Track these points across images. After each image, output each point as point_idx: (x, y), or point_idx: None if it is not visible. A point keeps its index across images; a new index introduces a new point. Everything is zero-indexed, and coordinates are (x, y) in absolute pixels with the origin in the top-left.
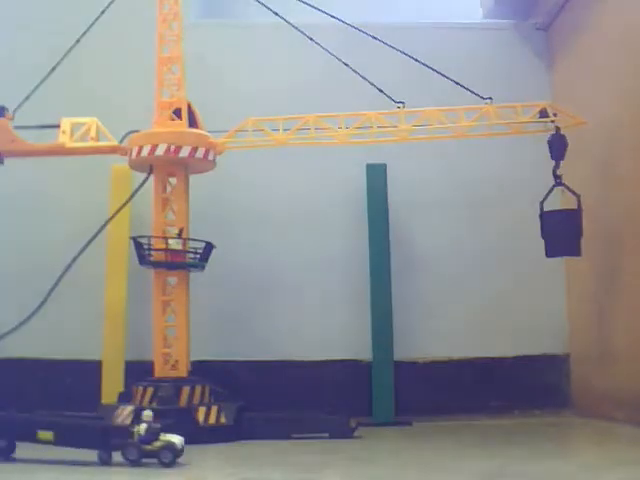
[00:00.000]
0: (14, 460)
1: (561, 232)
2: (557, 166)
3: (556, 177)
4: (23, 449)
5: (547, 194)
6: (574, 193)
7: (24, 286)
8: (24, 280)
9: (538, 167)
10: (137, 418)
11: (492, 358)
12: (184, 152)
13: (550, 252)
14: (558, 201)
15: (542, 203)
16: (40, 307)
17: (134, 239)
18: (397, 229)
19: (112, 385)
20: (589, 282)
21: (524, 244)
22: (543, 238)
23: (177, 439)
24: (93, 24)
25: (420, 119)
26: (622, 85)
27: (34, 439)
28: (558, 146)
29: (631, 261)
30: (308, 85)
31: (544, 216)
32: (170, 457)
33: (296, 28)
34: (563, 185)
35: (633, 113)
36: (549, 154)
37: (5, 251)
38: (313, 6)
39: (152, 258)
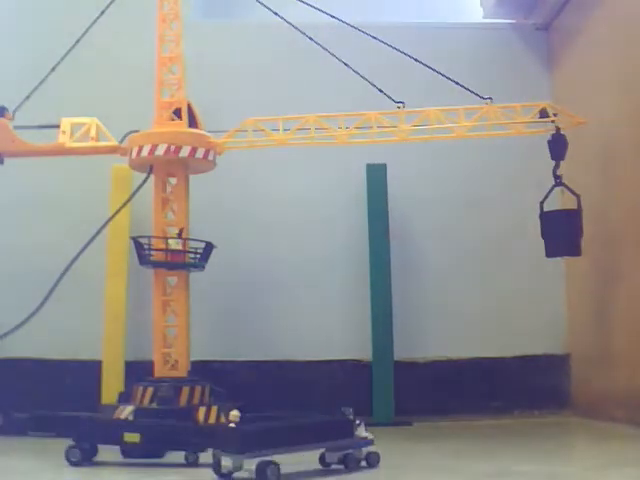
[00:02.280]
0: (96, 464)
1: (561, 232)
2: (557, 166)
3: (556, 177)
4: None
5: (547, 194)
6: (574, 193)
7: (24, 286)
8: (24, 280)
9: (538, 167)
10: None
11: (492, 358)
12: (184, 152)
13: (550, 252)
14: (558, 201)
15: (542, 203)
16: (40, 307)
17: (134, 239)
18: (397, 229)
19: (112, 385)
20: (589, 282)
21: (524, 244)
22: (543, 238)
23: None
24: (93, 24)
25: (420, 119)
26: (622, 85)
27: (119, 442)
28: (558, 146)
29: (631, 261)
30: (308, 85)
31: (544, 216)
32: None
33: (296, 28)
34: (563, 185)
35: (633, 113)
36: (549, 154)
37: (5, 251)
38: (313, 6)
39: (152, 258)
